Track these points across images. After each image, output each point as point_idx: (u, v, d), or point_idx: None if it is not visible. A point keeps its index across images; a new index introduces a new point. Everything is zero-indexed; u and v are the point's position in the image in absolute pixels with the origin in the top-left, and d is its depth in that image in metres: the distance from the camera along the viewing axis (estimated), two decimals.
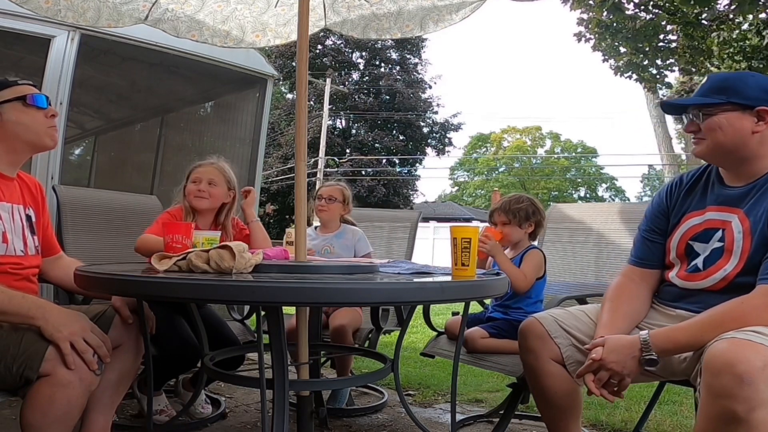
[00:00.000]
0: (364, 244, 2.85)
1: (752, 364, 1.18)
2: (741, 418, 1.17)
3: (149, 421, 1.96)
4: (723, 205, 1.55)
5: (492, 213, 2.45)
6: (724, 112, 1.48)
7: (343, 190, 2.92)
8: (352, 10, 2.65)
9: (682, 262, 1.61)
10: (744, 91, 1.48)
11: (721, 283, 1.50)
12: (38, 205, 1.83)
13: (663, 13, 8.82)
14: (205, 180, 2.38)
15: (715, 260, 1.52)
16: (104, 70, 4.20)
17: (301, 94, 1.96)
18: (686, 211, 1.63)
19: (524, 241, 2.39)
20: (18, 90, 1.70)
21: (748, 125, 1.47)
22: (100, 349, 1.45)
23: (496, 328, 2.23)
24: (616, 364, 1.45)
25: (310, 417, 1.79)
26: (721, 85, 1.51)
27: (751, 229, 1.46)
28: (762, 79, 1.52)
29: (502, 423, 2.16)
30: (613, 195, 38.83)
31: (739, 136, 1.47)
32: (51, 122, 1.73)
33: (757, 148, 1.48)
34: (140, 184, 4.79)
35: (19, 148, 1.71)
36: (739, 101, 1.47)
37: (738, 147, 1.49)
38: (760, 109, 1.46)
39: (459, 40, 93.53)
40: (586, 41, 10.03)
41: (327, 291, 1.36)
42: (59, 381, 1.37)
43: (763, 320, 1.31)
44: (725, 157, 1.54)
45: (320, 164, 23.20)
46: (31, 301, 1.49)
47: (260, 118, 4.03)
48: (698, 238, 1.57)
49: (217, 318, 2.40)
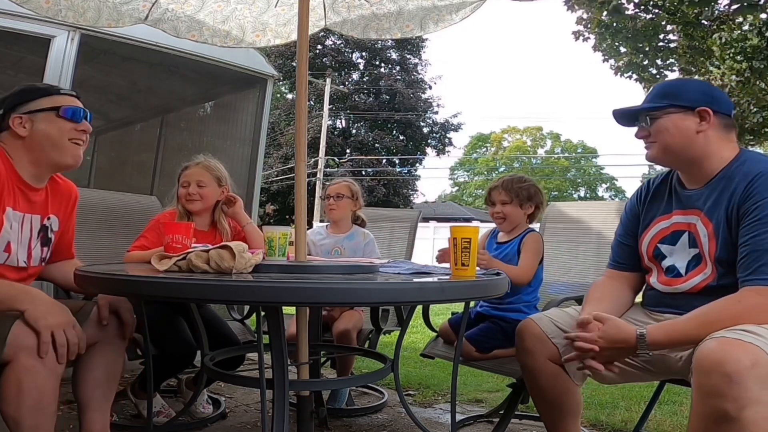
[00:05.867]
0: (371, 249, 2.79)
1: (741, 363, 1.19)
2: (732, 416, 1.18)
3: (149, 421, 1.96)
4: (685, 208, 1.61)
5: (491, 191, 2.34)
6: (668, 115, 1.57)
7: (350, 186, 2.88)
8: (352, 10, 2.65)
9: (656, 266, 1.66)
10: (684, 94, 1.57)
11: (701, 284, 1.54)
12: (66, 212, 1.81)
13: (663, 13, 8.82)
14: (193, 182, 2.36)
15: (695, 266, 1.56)
16: (104, 70, 4.21)
17: (301, 94, 1.96)
18: (654, 216, 1.69)
19: (523, 224, 2.31)
20: (57, 100, 1.66)
21: (692, 125, 1.55)
22: (74, 346, 1.45)
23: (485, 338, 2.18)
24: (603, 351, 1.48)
25: (310, 417, 1.79)
26: (665, 90, 1.62)
27: (714, 232, 1.51)
28: (701, 83, 1.68)
29: (502, 423, 2.16)
30: (613, 195, 38.82)
31: (685, 137, 1.55)
32: (77, 135, 1.67)
33: (704, 147, 1.55)
34: (140, 184, 4.79)
35: (42, 162, 1.67)
36: (681, 103, 1.56)
37: (686, 147, 1.56)
38: (701, 109, 1.54)
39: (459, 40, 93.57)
40: (584, 40, 10.04)
41: (327, 291, 1.36)
42: (23, 366, 1.38)
43: (761, 319, 1.32)
44: (676, 159, 1.61)
45: (320, 164, 23.21)
46: (20, 288, 1.51)
47: (260, 118, 4.03)
48: (666, 240, 1.64)
49: (217, 318, 2.40)
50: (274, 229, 1.88)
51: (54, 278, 1.90)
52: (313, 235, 2.91)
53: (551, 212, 2.73)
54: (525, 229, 2.31)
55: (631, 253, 1.74)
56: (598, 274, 2.46)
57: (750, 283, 1.39)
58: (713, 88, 1.64)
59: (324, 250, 2.82)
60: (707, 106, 1.54)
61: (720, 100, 1.57)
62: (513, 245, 2.29)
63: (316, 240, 2.88)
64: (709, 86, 1.66)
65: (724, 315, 1.36)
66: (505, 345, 2.13)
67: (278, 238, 1.86)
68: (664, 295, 1.63)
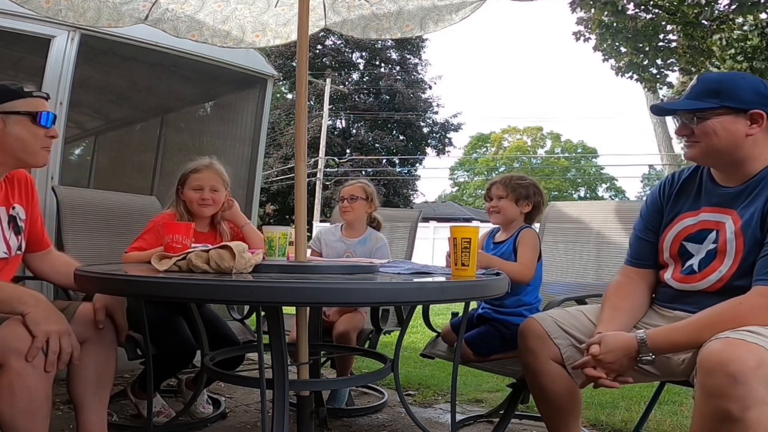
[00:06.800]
0: (380, 254, 2.70)
1: (745, 364, 1.18)
2: (736, 417, 1.18)
3: (149, 421, 1.96)
4: (717, 206, 1.54)
5: (490, 186, 2.34)
6: (718, 116, 1.47)
7: (364, 187, 2.81)
8: (352, 10, 2.65)
9: (676, 263, 1.61)
10: (738, 95, 1.46)
11: (717, 284, 1.50)
12: (28, 199, 1.81)
13: (663, 13, 8.83)
14: (207, 187, 2.34)
15: (709, 262, 1.52)
16: (104, 70, 4.20)
17: (301, 94, 1.96)
18: (680, 212, 1.62)
19: (518, 221, 2.30)
20: (32, 104, 1.67)
21: (742, 128, 1.46)
22: (66, 355, 1.45)
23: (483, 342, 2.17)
24: (612, 364, 1.46)
25: (310, 417, 1.79)
26: (714, 87, 1.50)
27: (742, 230, 1.46)
28: (754, 81, 1.52)
29: (502, 423, 2.16)
30: (613, 195, 38.81)
31: (733, 140, 1.47)
32: (48, 143, 1.70)
33: (751, 150, 1.48)
34: (140, 184, 4.78)
35: (9, 162, 1.69)
36: (733, 105, 1.46)
37: (732, 150, 1.48)
38: (754, 112, 1.45)
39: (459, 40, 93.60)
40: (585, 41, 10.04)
41: (327, 291, 1.36)
42: (13, 369, 1.38)
43: (760, 320, 1.31)
44: (718, 160, 1.54)
45: (320, 164, 23.21)
46: (23, 291, 1.51)
47: (260, 118, 4.02)
48: (692, 238, 1.57)
49: (217, 318, 2.40)
50: (274, 229, 1.88)
51: (43, 273, 1.89)
52: (327, 234, 2.88)
53: (551, 212, 2.71)
54: (520, 227, 2.30)
55: (651, 250, 1.67)
56: (599, 274, 2.46)
57: (759, 283, 1.38)
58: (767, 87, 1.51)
59: (335, 253, 2.78)
60: (762, 109, 1.44)
61: None
62: (509, 243, 2.28)
63: (329, 240, 2.84)
64: (764, 85, 1.51)
65: (726, 317, 1.35)
66: (502, 351, 2.12)
67: (278, 238, 1.86)
68: (679, 293, 1.59)
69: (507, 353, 2.08)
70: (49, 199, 2.73)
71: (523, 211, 2.30)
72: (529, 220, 2.34)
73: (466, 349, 2.16)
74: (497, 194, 2.30)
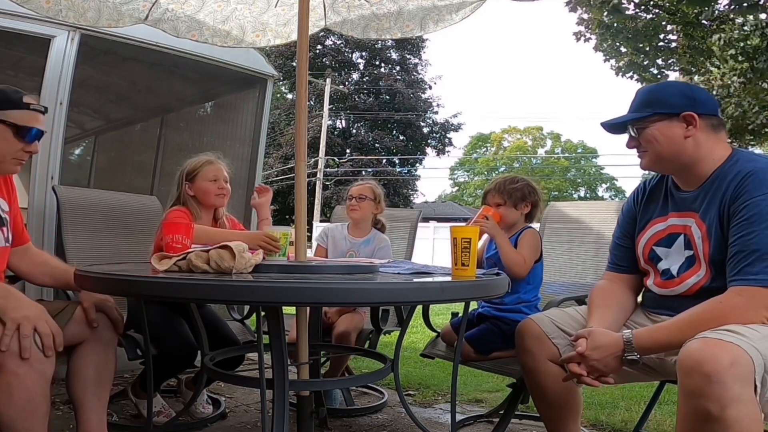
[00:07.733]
0: (382, 254, 2.72)
1: (720, 363, 1.19)
2: (715, 416, 1.19)
3: (149, 421, 1.96)
4: (681, 211, 1.60)
5: (486, 194, 2.36)
6: (654, 123, 1.55)
7: (373, 188, 2.85)
8: (352, 10, 2.65)
9: (652, 269, 1.66)
10: (667, 100, 1.55)
11: (694, 287, 1.54)
12: (8, 192, 1.81)
13: (663, 13, 8.83)
14: (221, 178, 2.39)
15: (687, 267, 1.56)
16: (104, 70, 4.20)
17: (301, 94, 1.97)
18: (651, 218, 1.68)
19: (520, 223, 2.31)
20: (24, 117, 1.65)
21: (679, 131, 1.53)
22: (47, 338, 1.44)
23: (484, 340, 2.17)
24: (597, 362, 1.47)
25: (310, 417, 1.79)
26: (647, 98, 1.59)
27: (708, 234, 1.51)
28: (680, 86, 1.64)
29: (502, 423, 2.16)
30: (613, 195, 38.80)
31: (673, 144, 1.53)
32: (23, 156, 1.69)
33: (695, 152, 1.53)
34: (140, 184, 4.78)
35: None
36: (664, 111, 1.54)
37: (677, 154, 1.54)
38: (685, 114, 1.52)
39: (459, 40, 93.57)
40: (585, 41, 10.05)
41: (327, 291, 1.36)
42: (10, 370, 1.38)
43: (744, 319, 1.32)
44: (669, 166, 1.60)
45: (320, 164, 23.21)
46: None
47: (260, 118, 4.03)
48: (661, 243, 1.63)
49: (217, 318, 2.40)
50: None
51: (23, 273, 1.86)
52: (335, 231, 2.90)
53: (551, 212, 2.72)
54: (522, 227, 2.31)
55: (629, 255, 1.73)
56: (598, 274, 2.46)
57: (734, 283, 1.40)
58: (694, 89, 1.61)
59: (340, 250, 2.81)
60: (691, 110, 1.52)
61: (703, 101, 1.54)
62: (510, 242, 2.28)
63: (336, 236, 2.87)
64: (690, 88, 1.63)
65: (707, 316, 1.36)
66: (503, 347, 2.12)
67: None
68: (661, 298, 1.63)
69: (507, 350, 2.08)
70: (49, 199, 2.73)
71: (523, 213, 2.32)
72: (529, 219, 2.36)
73: (467, 347, 2.16)
74: (495, 202, 2.31)
